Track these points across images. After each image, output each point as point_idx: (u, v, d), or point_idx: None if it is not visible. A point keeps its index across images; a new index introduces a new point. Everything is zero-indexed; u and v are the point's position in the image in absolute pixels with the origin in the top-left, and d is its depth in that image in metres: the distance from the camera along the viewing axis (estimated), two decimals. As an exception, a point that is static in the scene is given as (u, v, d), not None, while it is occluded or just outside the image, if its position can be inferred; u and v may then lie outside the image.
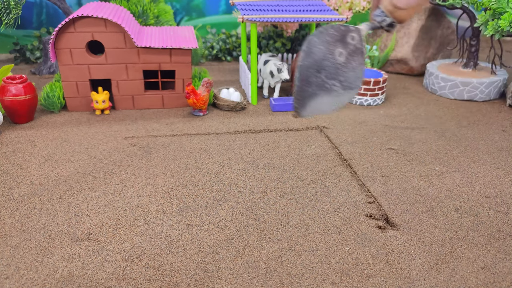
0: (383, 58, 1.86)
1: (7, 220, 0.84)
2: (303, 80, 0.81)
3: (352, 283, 0.71)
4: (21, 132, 1.22)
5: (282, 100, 1.45)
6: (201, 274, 0.72)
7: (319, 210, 0.89)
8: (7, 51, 1.95)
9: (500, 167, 1.08)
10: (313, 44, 0.78)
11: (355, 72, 0.77)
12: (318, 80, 0.80)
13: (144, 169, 1.04)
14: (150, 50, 1.32)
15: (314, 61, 0.78)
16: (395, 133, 1.27)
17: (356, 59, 0.76)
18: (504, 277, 0.73)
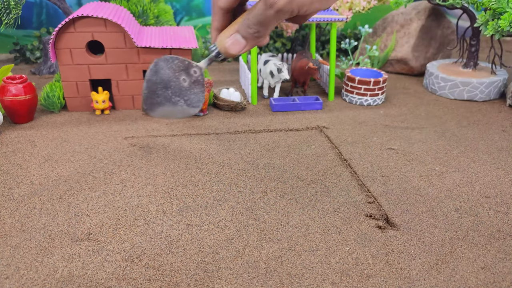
0: (383, 58, 1.86)
1: (7, 220, 0.84)
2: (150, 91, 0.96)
3: (352, 283, 0.71)
4: (21, 132, 1.22)
5: (282, 100, 1.45)
6: (201, 274, 0.72)
7: (319, 210, 0.89)
8: (7, 51, 1.95)
9: (500, 167, 1.08)
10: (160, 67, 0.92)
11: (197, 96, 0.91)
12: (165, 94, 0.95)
13: (144, 169, 1.04)
14: (150, 50, 1.32)
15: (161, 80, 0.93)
16: (395, 133, 1.27)
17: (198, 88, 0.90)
18: (504, 277, 0.73)
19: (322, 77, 1.65)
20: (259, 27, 0.58)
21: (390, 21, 1.89)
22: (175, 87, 0.93)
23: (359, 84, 1.47)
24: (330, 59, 1.49)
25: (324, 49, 2.15)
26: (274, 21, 0.56)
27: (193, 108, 0.95)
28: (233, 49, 0.64)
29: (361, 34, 2.13)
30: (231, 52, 0.64)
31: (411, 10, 1.84)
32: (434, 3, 1.63)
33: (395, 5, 1.67)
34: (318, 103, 1.44)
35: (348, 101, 1.53)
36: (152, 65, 0.92)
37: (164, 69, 0.92)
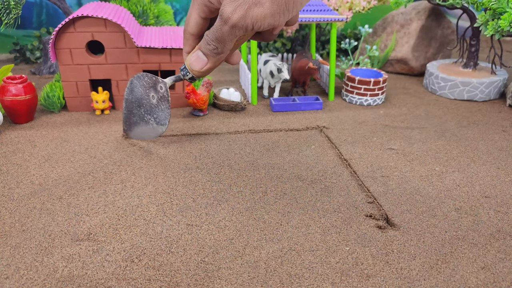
0: (383, 58, 1.86)
1: (7, 220, 0.84)
2: (128, 110, 1.02)
3: (352, 283, 0.71)
4: (21, 132, 1.22)
5: (282, 100, 1.45)
6: (201, 274, 0.72)
7: (319, 210, 0.89)
8: (7, 51, 1.95)
9: (500, 167, 1.08)
10: (134, 85, 0.96)
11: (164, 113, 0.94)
12: (139, 113, 0.99)
13: (144, 169, 1.04)
14: (150, 50, 1.32)
15: (135, 98, 0.97)
16: (395, 133, 1.27)
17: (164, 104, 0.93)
18: (504, 277, 0.73)
19: (322, 77, 1.65)
20: (217, 43, 0.59)
21: (390, 21, 1.89)
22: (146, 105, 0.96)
23: (359, 84, 1.47)
24: (330, 59, 1.49)
25: (324, 49, 2.15)
26: (230, 37, 0.56)
27: (161, 126, 0.98)
28: (195, 65, 0.65)
29: (361, 34, 2.13)
30: (194, 68, 0.65)
31: (411, 10, 1.84)
32: (434, 3, 1.63)
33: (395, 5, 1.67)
34: (318, 103, 1.44)
35: (348, 101, 1.53)
36: (128, 84, 0.97)
37: (138, 87, 0.95)
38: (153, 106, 0.95)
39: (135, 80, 0.95)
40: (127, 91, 0.98)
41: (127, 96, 0.99)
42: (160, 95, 0.91)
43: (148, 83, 0.92)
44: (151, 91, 0.93)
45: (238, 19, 0.52)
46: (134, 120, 1.01)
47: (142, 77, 0.93)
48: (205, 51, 0.62)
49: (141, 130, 1.02)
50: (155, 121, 0.97)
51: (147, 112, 0.97)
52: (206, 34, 0.60)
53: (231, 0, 0.52)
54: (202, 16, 0.61)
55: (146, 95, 0.94)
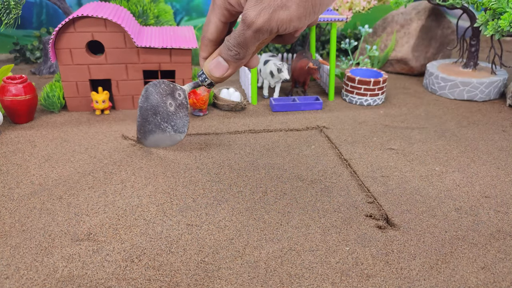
0: (383, 58, 1.86)
1: (7, 220, 0.84)
2: (143, 118, 0.99)
3: (352, 283, 0.71)
4: (21, 132, 1.22)
5: (282, 100, 1.45)
6: (201, 274, 0.72)
7: (319, 210, 0.89)
8: (7, 51, 1.95)
9: (500, 167, 1.08)
10: (149, 92, 0.93)
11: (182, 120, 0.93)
12: (155, 121, 0.97)
13: (144, 169, 1.04)
14: (150, 50, 1.32)
15: (151, 106, 0.95)
16: (395, 133, 1.27)
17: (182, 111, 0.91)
18: (504, 277, 0.73)
19: (322, 77, 1.65)
20: (239, 48, 0.57)
21: (390, 21, 1.89)
22: (163, 113, 0.94)
23: (359, 84, 1.47)
24: (330, 59, 1.49)
25: (324, 49, 2.15)
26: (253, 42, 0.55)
27: (179, 134, 0.96)
28: (216, 71, 0.63)
29: (361, 34, 2.13)
30: (214, 74, 0.64)
31: (411, 10, 1.84)
32: (434, 3, 1.63)
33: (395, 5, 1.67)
34: (318, 103, 1.44)
35: (348, 101, 1.53)
36: (143, 91, 0.95)
37: (153, 94, 0.93)
38: (171, 114, 0.93)
39: (151, 87, 0.92)
40: (142, 98, 0.95)
41: (141, 104, 0.96)
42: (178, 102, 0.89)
43: (165, 90, 0.90)
44: (169, 99, 0.91)
45: (263, 23, 0.51)
46: (150, 128, 0.99)
47: (158, 84, 0.90)
48: (226, 57, 0.60)
49: (157, 138, 1.00)
50: (172, 129, 0.95)
51: (163, 120, 0.95)
52: (227, 40, 0.58)
53: (254, 3, 0.50)
54: (222, 21, 0.59)
55: (163, 103, 0.92)
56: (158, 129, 0.98)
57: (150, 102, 0.94)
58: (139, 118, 0.99)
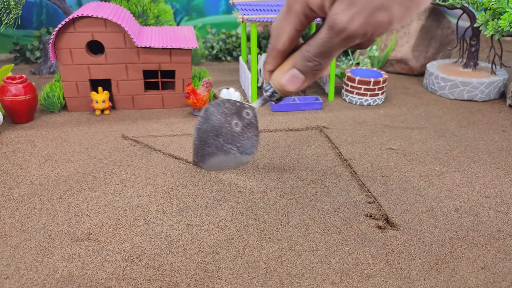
0: (383, 58, 1.86)
1: (7, 220, 0.84)
2: (201, 141, 0.93)
3: (352, 283, 0.71)
4: (21, 132, 1.22)
5: (282, 100, 1.45)
6: (201, 274, 0.72)
7: (319, 210, 0.89)
8: (7, 51, 1.95)
9: (500, 167, 1.08)
10: (210, 113, 0.87)
11: (250, 141, 0.86)
12: (217, 143, 0.90)
13: (144, 169, 1.04)
14: (150, 50, 1.32)
15: (212, 127, 0.88)
16: (395, 133, 1.27)
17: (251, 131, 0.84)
18: (504, 277, 0.73)
19: (322, 77, 1.65)
20: (321, 58, 0.50)
21: (390, 21, 1.88)
22: (227, 134, 0.87)
23: (359, 84, 1.47)
24: (330, 59, 1.49)
25: (324, 49, 2.14)
26: (339, 49, 0.49)
27: (247, 156, 0.89)
28: (290, 86, 0.57)
29: (361, 34, 2.12)
30: (288, 89, 0.58)
31: (411, 10, 1.84)
32: (434, 3, 1.63)
33: (395, 5, 1.67)
34: (318, 103, 1.44)
35: (348, 101, 1.53)
36: (202, 112, 0.89)
37: (215, 114, 0.87)
38: (236, 135, 0.86)
39: (213, 107, 0.86)
40: (201, 120, 0.88)
41: (200, 126, 0.89)
42: (246, 121, 0.83)
43: (230, 110, 0.84)
44: (234, 118, 0.84)
45: (357, 28, 0.45)
46: (210, 150, 0.92)
47: (222, 103, 0.84)
48: (303, 69, 0.54)
49: (218, 161, 0.93)
50: (238, 150, 0.88)
51: (227, 141, 0.88)
52: (305, 50, 0.52)
53: (346, 7, 0.44)
54: (298, 29, 0.53)
55: (227, 123, 0.85)
56: (220, 152, 0.91)
57: (211, 123, 0.87)
58: (197, 141, 0.92)
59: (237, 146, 0.88)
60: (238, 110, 0.83)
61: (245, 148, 0.87)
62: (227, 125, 0.86)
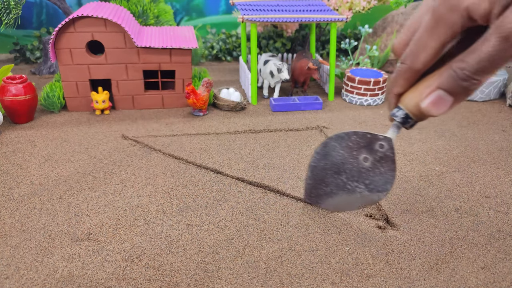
0: (383, 58, 1.86)
1: (7, 220, 0.84)
2: (317, 180, 0.82)
3: (352, 283, 0.71)
4: (21, 132, 1.22)
5: (282, 100, 1.45)
6: (201, 274, 0.72)
7: (319, 210, 0.89)
8: (7, 51, 1.95)
9: (500, 167, 1.08)
10: (330, 148, 0.77)
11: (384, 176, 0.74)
12: (338, 181, 0.79)
13: (144, 169, 1.04)
14: (150, 50, 1.32)
15: (332, 164, 0.78)
16: (395, 133, 1.27)
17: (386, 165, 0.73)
18: (504, 277, 0.73)
19: (322, 77, 1.65)
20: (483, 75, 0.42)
21: (390, 21, 1.89)
22: (352, 170, 0.77)
23: (359, 84, 1.47)
24: (330, 59, 1.49)
25: (324, 49, 2.15)
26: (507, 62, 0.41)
27: (378, 194, 0.77)
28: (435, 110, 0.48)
29: (361, 34, 2.13)
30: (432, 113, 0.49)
31: (411, 10, 1.84)
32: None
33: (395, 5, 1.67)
34: (318, 103, 1.44)
35: (348, 101, 1.53)
36: (319, 148, 0.79)
37: (337, 149, 0.77)
38: (364, 171, 0.75)
39: (334, 141, 0.76)
40: (317, 156, 0.79)
41: (316, 163, 0.80)
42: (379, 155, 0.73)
43: (357, 143, 0.74)
44: (362, 152, 0.74)
45: None
46: (328, 190, 0.82)
47: (346, 136, 0.74)
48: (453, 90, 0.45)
49: (339, 201, 0.82)
50: (366, 188, 0.77)
51: (352, 179, 0.78)
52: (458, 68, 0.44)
53: None
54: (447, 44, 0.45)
55: (353, 158, 0.75)
56: (341, 191, 0.80)
57: (330, 159, 0.77)
58: (310, 180, 0.82)
59: (365, 184, 0.77)
60: (368, 143, 0.73)
61: (376, 185, 0.76)
62: (352, 161, 0.75)
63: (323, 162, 0.79)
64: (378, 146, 0.72)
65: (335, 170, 0.79)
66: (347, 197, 0.80)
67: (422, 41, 0.45)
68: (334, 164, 0.78)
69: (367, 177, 0.75)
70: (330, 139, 0.76)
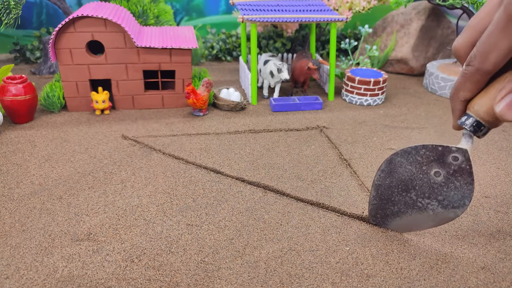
0: (383, 58, 1.86)
1: (7, 220, 0.84)
2: (383, 199, 0.77)
3: (352, 283, 0.71)
4: (21, 132, 1.22)
5: (282, 100, 1.45)
6: (201, 274, 0.72)
7: (319, 210, 0.89)
8: (7, 51, 1.95)
9: (500, 167, 1.08)
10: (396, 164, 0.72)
11: (460, 191, 0.69)
12: (407, 199, 0.74)
13: (144, 169, 1.04)
14: (150, 50, 1.32)
15: (399, 181, 0.73)
16: (395, 133, 1.27)
17: (461, 179, 0.67)
18: (504, 277, 0.73)
19: (322, 77, 1.65)
20: None
21: (390, 21, 1.89)
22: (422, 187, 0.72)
23: (359, 84, 1.47)
24: (330, 59, 1.49)
25: (324, 49, 2.15)
26: None
27: (454, 210, 0.71)
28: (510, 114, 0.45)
29: (361, 34, 2.13)
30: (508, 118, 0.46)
31: (411, 10, 1.84)
32: (434, 3, 1.63)
33: (395, 5, 1.67)
34: (318, 103, 1.44)
35: (348, 101, 1.53)
36: (383, 165, 0.73)
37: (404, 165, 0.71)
38: (437, 186, 0.70)
39: (400, 157, 0.71)
40: (382, 174, 0.74)
41: (380, 182, 0.74)
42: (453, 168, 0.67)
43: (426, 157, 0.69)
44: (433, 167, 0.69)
45: None
46: (395, 209, 0.76)
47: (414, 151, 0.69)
48: None
49: (409, 220, 0.77)
50: (440, 205, 0.72)
51: (422, 196, 0.72)
52: None
53: None
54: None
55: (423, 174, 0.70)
56: (411, 209, 0.75)
57: (397, 176, 0.72)
58: (376, 199, 0.77)
59: (438, 200, 0.71)
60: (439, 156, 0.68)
61: (451, 201, 0.70)
62: (422, 176, 0.70)
63: (388, 180, 0.74)
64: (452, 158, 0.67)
65: (403, 188, 0.73)
66: (417, 216, 0.75)
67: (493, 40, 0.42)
68: (401, 181, 0.72)
69: (440, 193, 0.70)
70: (395, 155, 0.71)
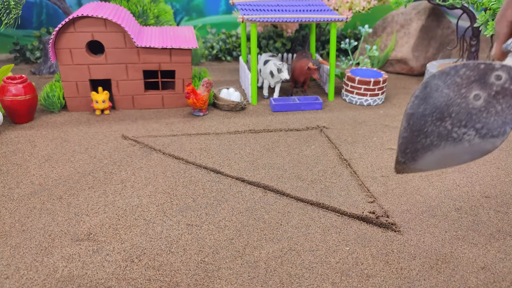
0: (383, 58, 1.86)
1: (7, 220, 0.84)
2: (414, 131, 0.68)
3: (352, 283, 0.71)
4: (21, 132, 1.22)
5: (282, 100, 1.45)
6: (201, 274, 0.72)
7: (319, 210, 0.89)
8: (7, 51, 1.95)
9: (500, 167, 1.08)
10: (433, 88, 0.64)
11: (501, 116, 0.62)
12: (440, 130, 0.66)
13: (144, 169, 1.04)
14: (150, 50, 1.32)
15: (434, 108, 0.65)
16: (395, 133, 1.27)
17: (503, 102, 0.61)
18: (504, 277, 0.73)
19: (322, 77, 1.65)
20: None
21: (390, 21, 1.89)
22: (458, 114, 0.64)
23: (359, 84, 1.47)
24: (330, 59, 1.49)
25: (324, 49, 2.15)
26: None
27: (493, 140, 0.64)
28: None
29: (361, 34, 2.13)
30: None
31: (411, 10, 1.84)
32: (434, 3, 1.63)
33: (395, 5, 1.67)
34: (318, 103, 1.44)
35: (348, 101, 1.53)
36: (418, 90, 0.64)
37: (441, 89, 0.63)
38: (475, 112, 0.63)
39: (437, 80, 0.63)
40: (416, 101, 0.65)
41: (413, 110, 0.65)
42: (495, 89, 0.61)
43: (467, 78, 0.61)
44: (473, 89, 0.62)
45: None
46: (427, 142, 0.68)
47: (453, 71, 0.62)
48: None
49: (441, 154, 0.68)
50: (477, 134, 0.64)
51: (458, 125, 0.65)
52: None
53: None
54: None
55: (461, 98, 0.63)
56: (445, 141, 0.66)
57: (432, 102, 0.64)
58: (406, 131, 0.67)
59: (476, 128, 0.63)
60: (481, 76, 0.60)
61: (490, 129, 0.63)
62: (460, 101, 0.63)
63: (422, 108, 0.65)
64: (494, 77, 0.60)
65: (437, 116, 0.65)
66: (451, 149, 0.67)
67: None
68: (436, 108, 0.64)
69: (478, 119, 0.63)
70: (432, 77, 0.63)
